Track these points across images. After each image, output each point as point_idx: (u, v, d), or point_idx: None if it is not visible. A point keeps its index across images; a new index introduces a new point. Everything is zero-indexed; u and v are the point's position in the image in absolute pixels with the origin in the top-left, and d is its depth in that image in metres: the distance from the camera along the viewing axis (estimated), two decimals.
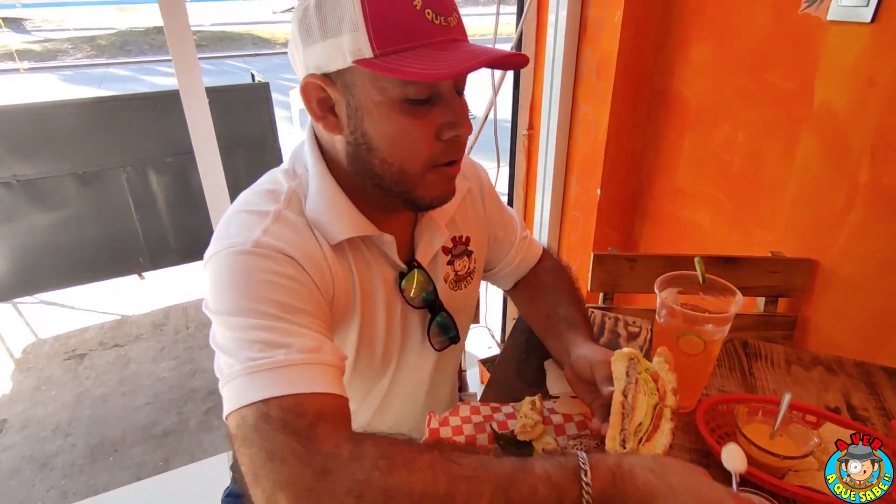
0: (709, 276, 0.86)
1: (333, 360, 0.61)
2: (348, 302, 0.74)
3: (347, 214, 0.71)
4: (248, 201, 0.71)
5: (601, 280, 1.35)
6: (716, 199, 1.52)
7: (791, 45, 1.24)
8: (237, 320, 0.59)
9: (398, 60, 0.59)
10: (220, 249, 0.64)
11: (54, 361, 2.95)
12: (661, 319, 0.86)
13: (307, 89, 0.66)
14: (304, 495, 0.49)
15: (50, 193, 2.76)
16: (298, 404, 0.54)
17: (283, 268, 0.63)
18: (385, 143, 0.65)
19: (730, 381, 0.97)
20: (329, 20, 0.60)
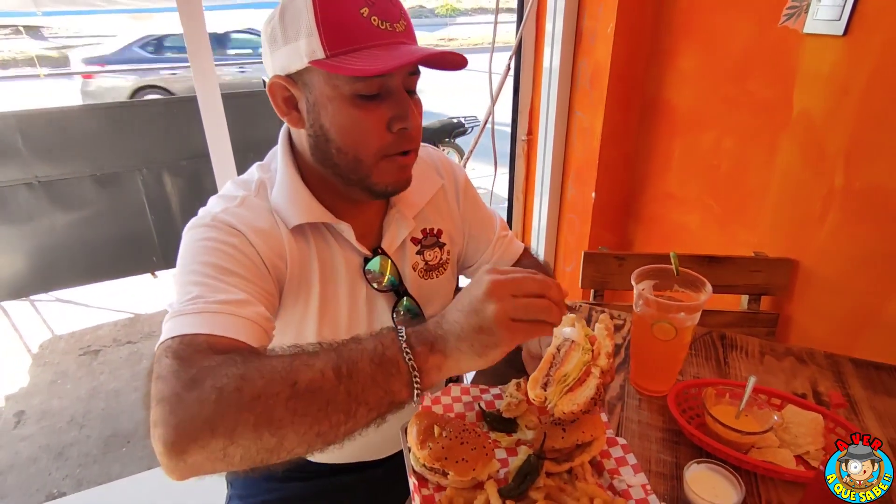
0: (682, 270, 0.93)
1: (250, 316, 0.66)
2: (305, 277, 0.83)
3: (304, 202, 0.80)
4: (226, 189, 0.83)
5: (591, 277, 1.42)
6: (704, 202, 1.59)
7: (771, 57, 1.32)
8: (181, 277, 0.68)
9: (345, 60, 0.68)
10: (190, 225, 0.76)
11: (69, 357, 3.05)
12: (638, 309, 0.93)
13: (273, 89, 0.75)
14: (175, 402, 0.52)
15: (69, 194, 2.87)
16: (194, 339, 0.60)
17: (228, 237, 0.73)
18: (340, 134, 0.74)
19: (705, 369, 1.03)
20: (289, 28, 0.70)
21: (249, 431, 0.52)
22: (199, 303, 0.64)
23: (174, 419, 0.52)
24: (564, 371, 0.72)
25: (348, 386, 0.56)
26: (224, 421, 0.52)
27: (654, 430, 0.89)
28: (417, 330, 0.62)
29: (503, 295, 0.58)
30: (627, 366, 1.04)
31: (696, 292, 0.92)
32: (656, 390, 0.97)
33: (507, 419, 0.88)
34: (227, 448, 0.52)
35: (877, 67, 1.12)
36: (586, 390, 0.70)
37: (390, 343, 0.60)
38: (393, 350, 0.59)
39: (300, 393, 0.54)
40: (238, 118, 2.83)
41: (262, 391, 0.53)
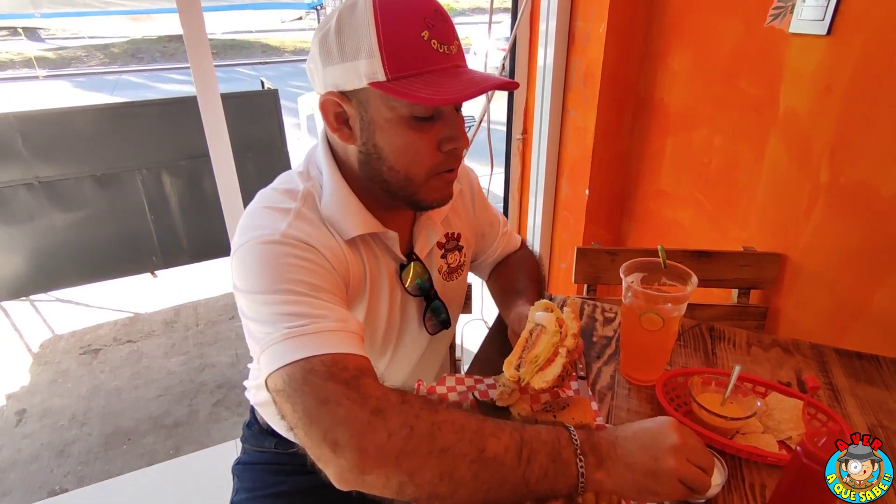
0: (669, 263, 0.96)
1: (358, 329, 0.70)
2: (359, 289, 0.85)
3: (358, 214, 0.81)
4: (269, 198, 0.80)
5: (584, 273, 1.45)
6: (695, 199, 1.62)
7: (759, 56, 1.35)
8: (272, 297, 0.67)
9: (408, 85, 0.68)
10: (250, 240, 0.72)
11: (70, 356, 3.07)
12: (627, 300, 0.96)
13: (326, 105, 0.76)
14: (363, 428, 0.57)
15: (69, 194, 2.89)
16: (339, 360, 0.62)
17: (308, 254, 0.72)
18: (394, 154, 0.75)
19: (694, 360, 1.06)
20: (347, 46, 0.69)
21: (430, 477, 0.57)
22: (315, 323, 0.65)
23: (363, 442, 0.56)
24: (535, 353, 0.79)
25: (525, 471, 0.60)
26: (411, 460, 0.56)
27: (642, 418, 0.91)
28: (590, 440, 0.64)
29: (683, 457, 0.61)
30: (617, 357, 1.07)
31: (683, 284, 0.95)
32: (645, 380, 1.00)
33: (500, 407, 0.91)
34: (403, 483, 0.57)
35: (859, 66, 1.15)
36: (554, 368, 0.78)
37: (566, 444, 0.63)
38: (568, 452, 0.62)
39: (485, 460, 0.58)
40: (238, 119, 2.87)
41: (452, 446, 0.58)
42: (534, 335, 0.82)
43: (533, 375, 0.79)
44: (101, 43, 12.92)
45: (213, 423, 2.53)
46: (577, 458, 0.61)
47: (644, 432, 0.65)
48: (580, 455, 0.62)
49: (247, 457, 1.12)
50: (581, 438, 0.63)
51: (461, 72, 0.73)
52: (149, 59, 12.36)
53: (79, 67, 11.81)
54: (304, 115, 6.37)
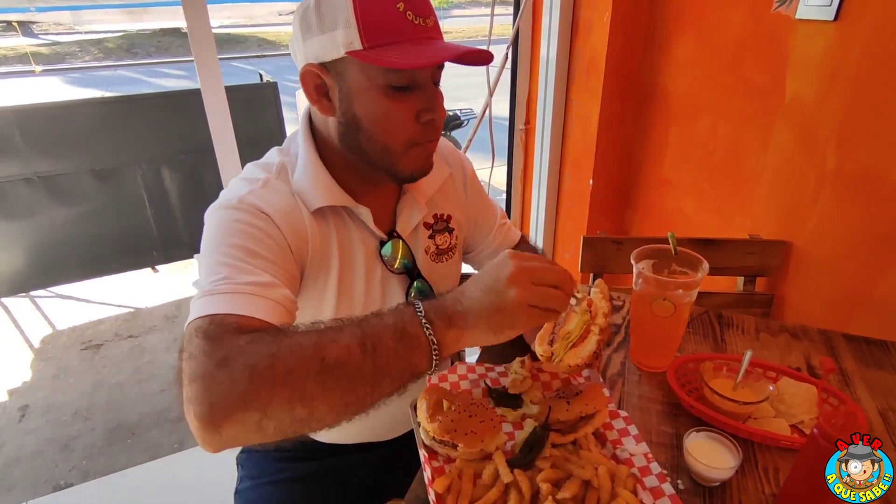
0: (680, 249, 0.96)
1: (276, 298, 0.68)
2: (324, 259, 0.86)
3: (326, 186, 0.83)
4: (246, 171, 0.85)
5: (590, 262, 1.45)
6: (700, 187, 1.62)
7: (765, 42, 1.34)
8: (206, 257, 0.71)
9: (383, 52, 0.70)
10: (215, 207, 0.77)
11: (72, 351, 3.07)
12: (637, 287, 0.96)
13: (306, 77, 0.78)
14: (208, 381, 0.55)
15: (68, 189, 2.88)
16: (224, 319, 0.61)
17: (256, 220, 0.75)
18: (371, 123, 0.77)
19: (703, 347, 1.07)
20: (326, 18, 0.72)
21: (282, 405, 0.56)
22: (228, 284, 0.65)
23: (209, 396, 0.54)
24: (567, 329, 0.79)
25: (373, 359, 0.59)
26: (258, 396, 0.55)
27: (653, 404, 0.92)
28: (435, 305, 0.65)
29: (524, 281, 0.62)
30: (627, 343, 1.07)
31: (694, 271, 0.95)
32: (656, 366, 1.00)
33: (512, 395, 0.91)
34: (261, 421, 0.55)
35: (866, 51, 1.15)
36: (588, 346, 0.77)
37: (410, 318, 0.63)
38: (413, 325, 0.62)
39: (329, 367, 0.57)
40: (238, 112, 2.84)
41: (294, 367, 0.56)
42: (563, 314, 0.82)
43: (566, 352, 0.79)
44: (96, 38, 12.83)
45: None
46: (423, 327, 0.62)
47: (483, 273, 0.65)
48: (426, 324, 0.62)
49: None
50: (426, 307, 0.64)
51: (435, 42, 0.75)
52: (143, 54, 12.28)
53: (73, 63, 11.74)
54: (303, 108, 6.34)
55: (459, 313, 0.64)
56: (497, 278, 0.63)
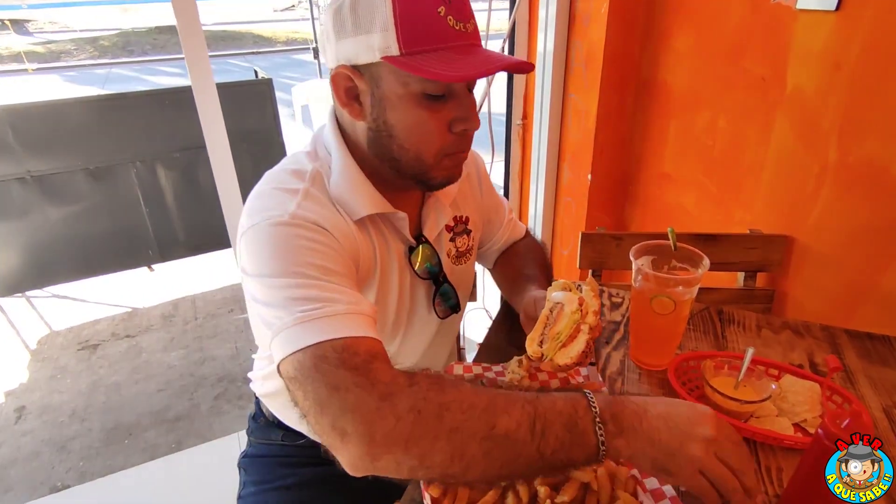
0: (679, 245, 0.94)
1: (370, 311, 0.68)
2: (370, 270, 0.83)
3: (368, 194, 0.80)
4: (277, 179, 0.78)
5: (589, 258, 1.43)
6: (699, 181, 1.60)
7: (764, 34, 1.32)
8: (283, 281, 0.65)
9: (422, 60, 0.66)
10: (259, 221, 0.71)
11: (68, 352, 3.05)
12: (637, 284, 0.94)
13: (337, 79, 0.74)
14: (371, 414, 0.56)
15: (62, 188, 2.85)
16: (350, 345, 0.60)
17: (318, 236, 0.71)
18: (404, 132, 0.73)
19: (703, 344, 1.05)
20: (362, 19, 0.68)
21: (441, 459, 0.56)
22: (325, 306, 0.63)
23: (371, 430, 0.55)
24: (557, 329, 0.79)
25: (540, 444, 0.57)
26: (420, 444, 0.55)
27: None
28: (612, 408, 0.60)
29: (711, 450, 0.57)
30: (627, 341, 1.06)
31: (694, 267, 0.93)
32: (656, 364, 0.98)
33: None
34: (414, 467, 0.56)
35: (868, 42, 1.13)
36: (578, 345, 0.77)
37: (584, 412, 0.59)
38: (586, 421, 0.59)
39: (496, 437, 0.56)
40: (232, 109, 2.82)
41: (461, 425, 0.56)
42: (554, 313, 0.82)
43: (556, 352, 0.78)
44: (91, 36, 12.75)
45: (215, 416, 2.52)
46: (596, 426, 0.58)
47: (679, 416, 0.60)
48: (599, 423, 0.59)
49: (253, 450, 1.10)
50: (601, 406, 0.60)
51: (476, 50, 0.71)
52: (139, 52, 12.20)
53: (68, 61, 11.67)
54: (299, 105, 6.31)
55: (635, 430, 0.59)
56: (691, 431, 0.58)
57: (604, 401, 0.60)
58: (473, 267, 1.07)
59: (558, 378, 0.95)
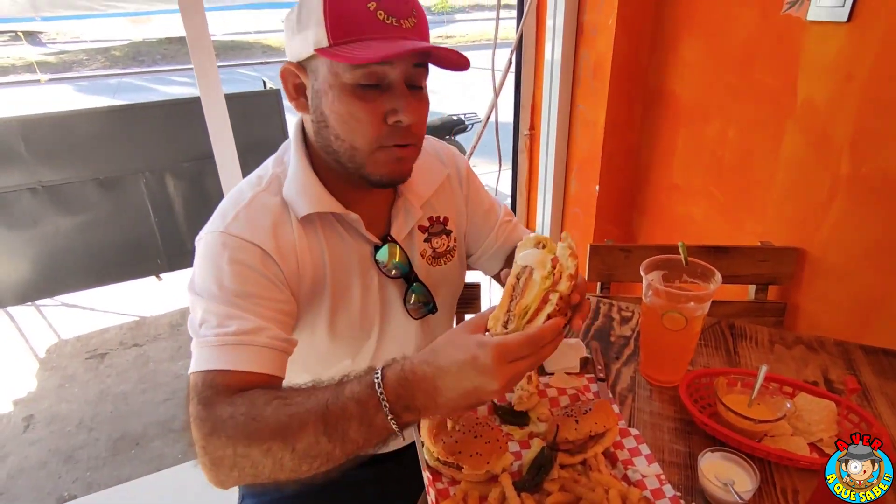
0: (690, 259, 0.93)
1: (264, 342, 0.73)
2: (318, 271, 0.85)
3: (314, 193, 0.82)
4: (237, 187, 0.85)
5: (598, 270, 1.42)
6: (708, 192, 1.58)
7: (775, 45, 1.31)
8: (198, 299, 0.75)
9: (345, 49, 0.70)
10: (204, 234, 0.79)
11: (76, 360, 3.06)
12: (647, 299, 0.93)
13: (284, 74, 0.79)
14: (204, 449, 0.65)
15: (72, 198, 2.88)
16: (212, 379, 0.69)
17: (243, 255, 0.76)
18: (338, 121, 0.76)
19: (715, 359, 1.03)
20: (303, 16, 0.73)
21: (266, 474, 0.65)
22: (218, 335, 0.71)
23: (207, 461, 0.65)
24: (525, 303, 0.66)
25: (342, 445, 0.64)
26: (244, 468, 0.65)
27: (666, 421, 0.89)
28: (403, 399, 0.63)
29: (505, 374, 0.60)
30: (637, 357, 1.04)
31: (706, 282, 0.92)
32: (667, 381, 0.97)
33: (518, 412, 0.88)
34: (253, 479, 0.66)
35: (881, 53, 1.12)
36: (539, 320, 0.65)
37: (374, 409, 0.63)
38: (380, 418, 0.63)
39: (300, 455, 0.64)
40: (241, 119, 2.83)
41: (265, 456, 0.64)
42: (521, 281, 0.69)
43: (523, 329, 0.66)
44: (102, 46, 12.93)
45: None
46: (389, 421, 0.63)
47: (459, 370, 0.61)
48: (392, 418, 0.63)
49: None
50: (391, 398, 0.63)
51: (403, 41, 0.72)
52: (150, 62, 12.35)
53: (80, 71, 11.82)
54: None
55: (428, 407, 0.63)
56: (477, 382, 0.61)
57: (394, 391, 0.63)
58: (459, 268, 1.05)
59: (568, 395, 0.94)
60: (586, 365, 1.02)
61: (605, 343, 1.09)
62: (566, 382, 0.96)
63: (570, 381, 0.96)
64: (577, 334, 1.11)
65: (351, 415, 0.63)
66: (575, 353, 1.02)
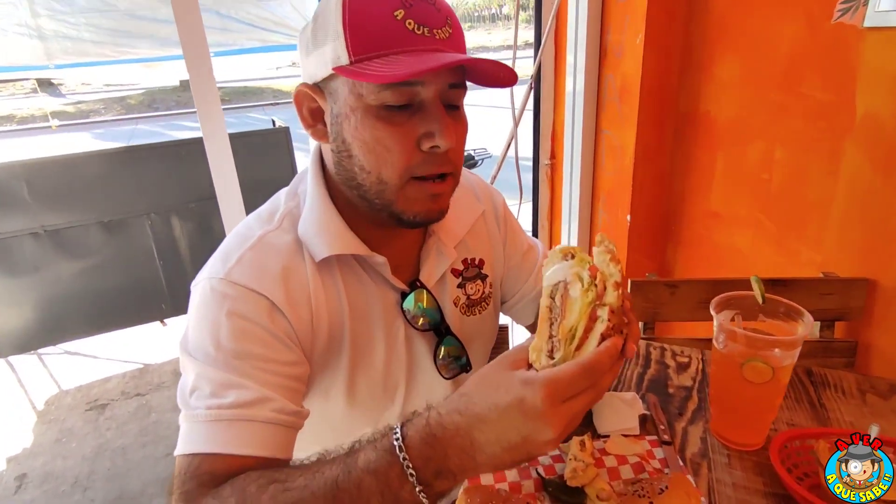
0: (769, 296, 0.79)
1: (265, 417, 0.61)
2: (335, 324, 0.72)
3: (336, 232, 0.70)
4: (244, 223, 0.74)
5: (640, 308, 1.27)
6: (755, 219, 1.44)
7: (826, 56, 1.20)
8: (190, 360, 0.63)
9: (369, 65, 0.59)
10: (201, 279, 0.67)
11: (76, 413, 2.91)
12: (720, 345, 0.78)
13: (299, 98, 0.68)
14: None
15: (76, 242, 2.79)
16: (198, 466, 0.58)
17: (248, 308, 0.64)
18: (363, 150, 0.64)
19: (798, 414, 0.87)
20: (319, 32, 0.62)
21: None
22: (210, 407, 0.60)
23: None
24: (569, 325, 0.53)
25: None
26: None
27: (755, 496, 0.72)
28: (432, 464, 0.51)
29: (561, 417, 0.48)
30: (704, 412, 0.88)
31: (788, 322, 0.78)
32: (746, 443, 0.81)
33: (573, 488, 0.73)
34: None
35: None
36: (592, 341, 0.52)
37: (399, 482, 0.51)
38: (406, 490, 0.51)
39: None
40: (247, 158, 2.78)
41: None
42: (557, 301, 0.55)
43: (574, 357, 0.53)
44: (119, 95, 13.26)
45: None
46: (418, 493, 0.51)
47: (501, 419, 0.49)
48: (421, 489, 0.50)
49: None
50: (418, 464, 0.50)
51: (438, 53, 0.60)
52: (164, 108, 12.60)
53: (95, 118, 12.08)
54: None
55: (468, 470, 0.51)
56: (526, 431, 0.48)
57: (420, 453, 0.50)
58: (494, 318, 0.92)
59: (630, 464, 0.78)
60: (644, 424, 0.86)
61: (662, 396, 0.93)
62: (626, 448, 0.80)
63: (630, 446, 0.81)
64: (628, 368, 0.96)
65: (369, 492, 0.51)
66: (631, 410, 0.86)
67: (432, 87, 0.62)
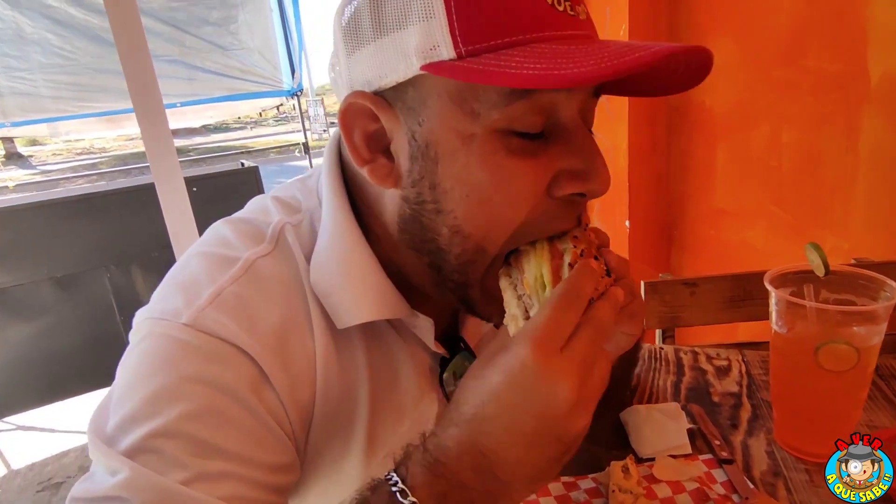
0: (834, 268, 0.64)
1: None
2: (347, 400, 0.50)
3: (376, 289, 0.48)
4: (215, 236, 0.50)
5: (658, 313, 1.11)
6: (767, 211, 1.33)
7: (831, 22, 1.12)
8: (109, 453, 0.38)
9: (499, 60, 0.36)
10: (148, 317, 0.44)
11: (25, 496, 2.58)
12: (781, 328, 0.62)
13: (348, 115, 0.43)
14: None
15: (25, 302, 2.55)
16: None
17: (222, 373, 0.41)
18: (468, 201, 0.42)
19: (880, 415, 0.71)
20: (387, 9, 0.39)
21: None
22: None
23: None
24: (533, 273, 0.43)
25: None
26: None
27: None
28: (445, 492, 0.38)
29: (570, 370, 0.36)
30: (762, 421, 0.72)
31: (861, 298, 0.62)
32: (826, 454, 0.63)
33: None
34: None
35: None
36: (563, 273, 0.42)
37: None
38: None
39: None
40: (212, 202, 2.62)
41: None
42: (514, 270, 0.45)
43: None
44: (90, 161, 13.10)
45: None
46: None
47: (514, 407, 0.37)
48: None
49: None
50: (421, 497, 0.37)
51: (598, 43, 0.40)
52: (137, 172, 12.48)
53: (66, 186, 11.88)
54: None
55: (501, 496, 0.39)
56: (538, 404, 0.36)
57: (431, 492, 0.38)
58: None
59: (688, 492, 0.60)
60: (694, 440, 0.69)
61: (707, 406, 0.77)
62: (678, 472, 0.63)
63: (684, 469, 0.63)
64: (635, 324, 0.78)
65: None
66: (677, 425, 0.69)
67: (575, 100, 0.41)
